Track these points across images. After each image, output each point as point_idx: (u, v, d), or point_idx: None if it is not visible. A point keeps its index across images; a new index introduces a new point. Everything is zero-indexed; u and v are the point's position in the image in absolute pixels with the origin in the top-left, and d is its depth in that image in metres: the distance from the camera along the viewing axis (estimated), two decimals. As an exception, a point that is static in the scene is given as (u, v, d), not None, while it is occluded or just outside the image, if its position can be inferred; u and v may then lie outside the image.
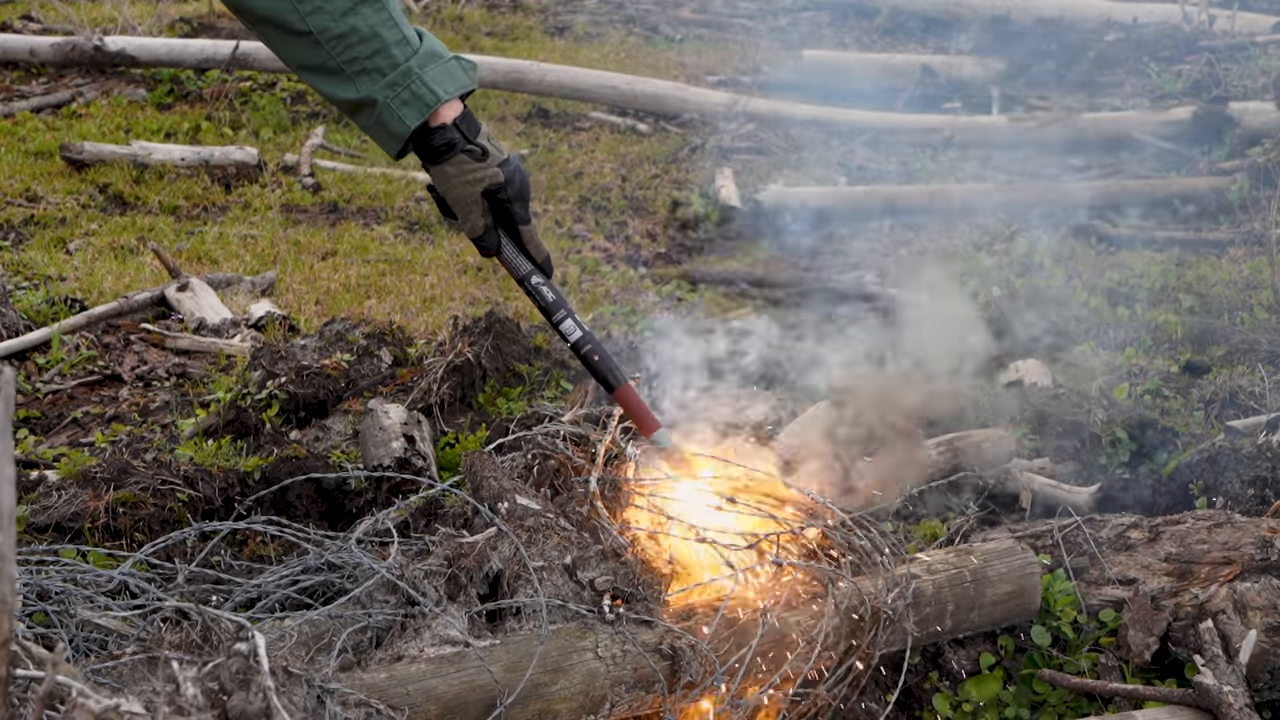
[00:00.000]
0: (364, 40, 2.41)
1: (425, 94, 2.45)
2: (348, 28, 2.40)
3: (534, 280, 2.67)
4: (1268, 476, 3.43)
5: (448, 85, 2.48)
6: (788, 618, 2.58)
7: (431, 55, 2.47)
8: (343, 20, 2.39)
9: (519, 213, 2.60)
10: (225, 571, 2.85)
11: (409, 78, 2.44)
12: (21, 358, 4.72)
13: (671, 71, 9.34)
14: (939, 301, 3.67)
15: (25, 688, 1.94)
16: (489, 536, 2.57)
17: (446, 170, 2.54)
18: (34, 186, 6.85)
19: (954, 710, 2.86)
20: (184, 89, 8.66)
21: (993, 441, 3.61)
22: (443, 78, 2.47)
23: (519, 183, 2.58)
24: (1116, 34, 8.88)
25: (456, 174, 2.54)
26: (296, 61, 2.46)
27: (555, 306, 2.68)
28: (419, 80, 2.44)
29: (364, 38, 2.40)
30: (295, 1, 2.37)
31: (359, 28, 2.40)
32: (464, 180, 2.55)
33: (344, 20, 2.39)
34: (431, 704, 2.25)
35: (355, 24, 2.39)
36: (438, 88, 2.46)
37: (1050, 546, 3.11)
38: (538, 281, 2.67)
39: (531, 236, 2.65)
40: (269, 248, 6.13)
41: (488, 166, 2.53)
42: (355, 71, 2.43)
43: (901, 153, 7.67)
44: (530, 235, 2.65)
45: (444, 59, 2.49)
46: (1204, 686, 2.58)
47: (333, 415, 4.06)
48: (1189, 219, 6.37)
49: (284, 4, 2.38)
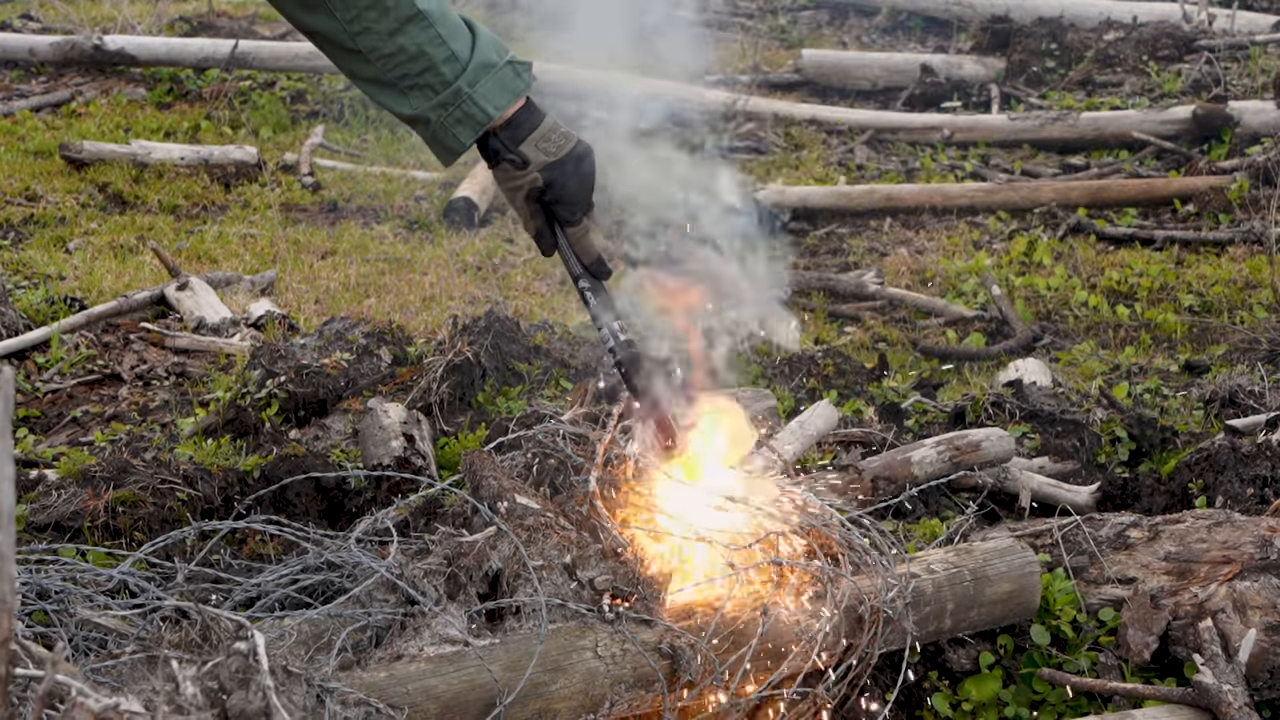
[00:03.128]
0: (412, 59, 2.42)
1: (477, 113, 2.47)
2: (395, 48, 2.42)
3: (580, 284, 2.69)
4: (1267, 475, 3.43)
5: (499, 100, 2.48)
6: (787, 617, 2.58)
7: (483, 67, 2.46)
8: (390, 40, 2.41)
9: (563, 215, 2.60)
10: (225, 570, 2.85)
11: (459, 97, 2.45)
12: (21, 357, 4.72)
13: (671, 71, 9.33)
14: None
15: (25, 687, 1.94)
16: (488, 536, 2.57)
17: (496, 176, 2.59)
18: (33, 185, 6.85)
19: (953, 709, 2.86)
20: (183, 88, 8.66)
21: (992, 441, 3.61)
22: (494, 93, 2.47)
23: (566, 186, 2.57)
24: (1116, 33, 8.88)
25: (502, 180, 2.59)
26: (353, 75, 2.50)
27: (595, 315, 2.69)
28: (469, 100, 2.46)
29: (412, 56, 2.42)
30: (345, 22, 2.40)
31: (406, 47, 2.41)
32: (507, 187, 2.59)
33: (391, 40, 2.41)
34: (431, 703, 2.25)
35: (403, 44, 2.41)
36: (488, 105, 2.47)
37: (1050, 545, 3.11)
38: (584, 286, 2.69)
39: (579, 239, 2.64)
40: (268, 247, 6.14)
41: (526, 174, 2.54)
42: (408, 87, 2.45)
43: (901, 151, 7.67)
44: (577, 237, 2.64)
45: (495, 69, 2.48)
46: (1203, 685, 2.58)
47: (332, 414, 4.06)
48: (1188, 218, 6.37)
49: (334, 24, 2.41)
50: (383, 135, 7.85)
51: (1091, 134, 7.51)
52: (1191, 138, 7.33)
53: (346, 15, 2.40)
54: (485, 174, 6.78)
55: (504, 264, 5.98)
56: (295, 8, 2.44)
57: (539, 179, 2.55)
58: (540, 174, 2.55)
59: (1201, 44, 8.61)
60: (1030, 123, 7.62)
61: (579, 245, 2.65)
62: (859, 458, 3.64)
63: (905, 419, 4.10)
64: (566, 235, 2.64)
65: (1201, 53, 8.46)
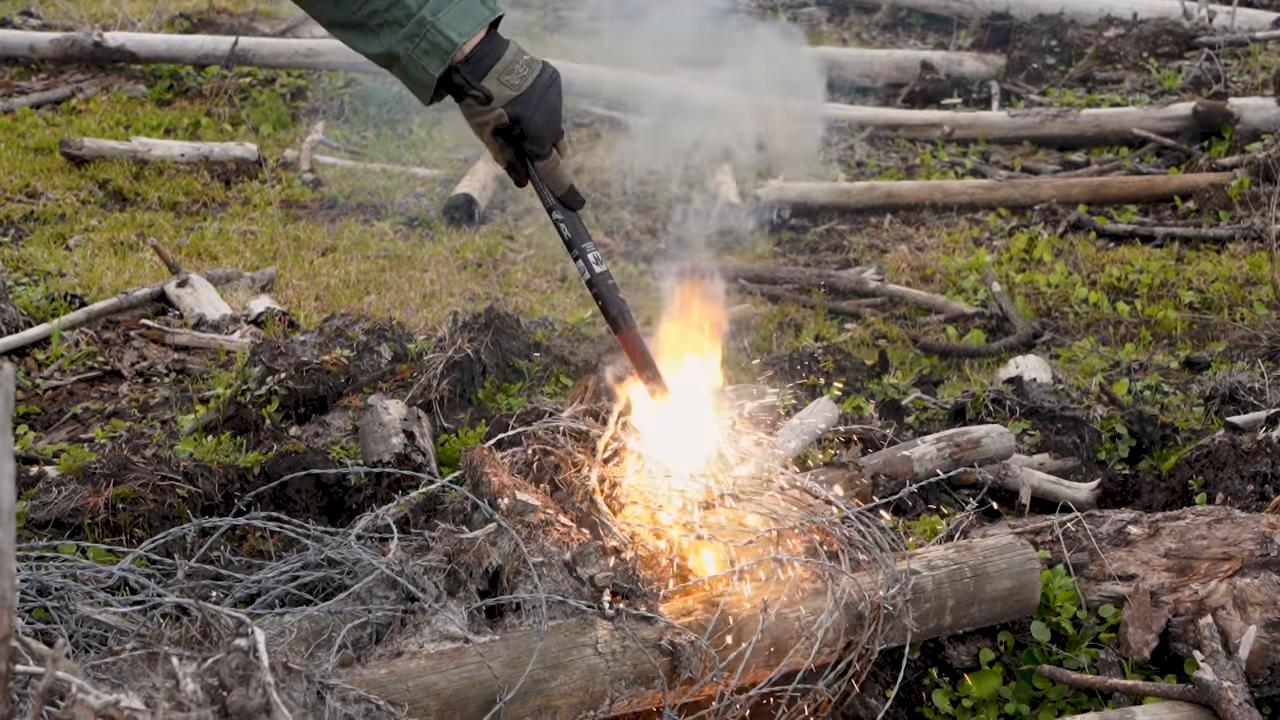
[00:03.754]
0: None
1: (442, 41, 2.46)
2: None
3: (554, 215, 2.69)
4: (1267, 472, 3.43)
5: (462, 27, 2.47)
6: (787, 613, 2.58)
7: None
8: None
9: (530, 149, 2.59)
10: (225, 567, 2.85)
11: (424, 27, 2.45)
12: (21, 353, 4.72)
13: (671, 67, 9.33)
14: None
15: (25, 683, 1.94)
16: (489, 532, 2.57)
17: (462, 111, 2.58)
18: (34, 182, 6.85)
19: (954, 706, 2.86)
20: (183, 85, 8.66)
21: (993, 437, 3.61)
22: (457, 20, 2.47)
23: (532, 120, 2.55)
24: (1116, 29, 8.88)
25: (467, 115, 2.58)
26: (326, 18, 2.50)
27: (571, 243, 2.69)
28: (433, 28, 2.45)
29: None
30: None
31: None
32: (472, 123, 2.58)
33: None
34: (431, 700, 2.25)
35: None
36: (451, 32, 2.46)
37: (1050, 542, 3.11)
38: (557, 217, 2.69)
39: (549, 171, 2.63)
40: (269, 244, 6.14)
41: (491, 109, 2.53)
42: (377, 25, 2.45)
43: (901, 148, 7.66)
44: (547, 170, 2.63)
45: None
46: (1203, 682, 2.58)
47: (332, 411, 4.06)
48: (1189, 214, 6.36)
49: None
50: (383, 132, 7.84)
51: (1092, 131, 7.51)
52: (1192, 134, 7.32)
53: None
54: (486, 171, 6.77)
55: (504, 261, 5.98)
56: None
57: (504, 115, 2.54)
58: (505, 109, 2.53)
59: (1202, 40, 8.60)
60: (1030, 119, 7.61)
61: (549, 177, 2.64)
62: (859, 454, 3.64)
63: (905, 416, 4.10)
64: (536, 169, 2.63)
65: (1202, 49, 8.46)
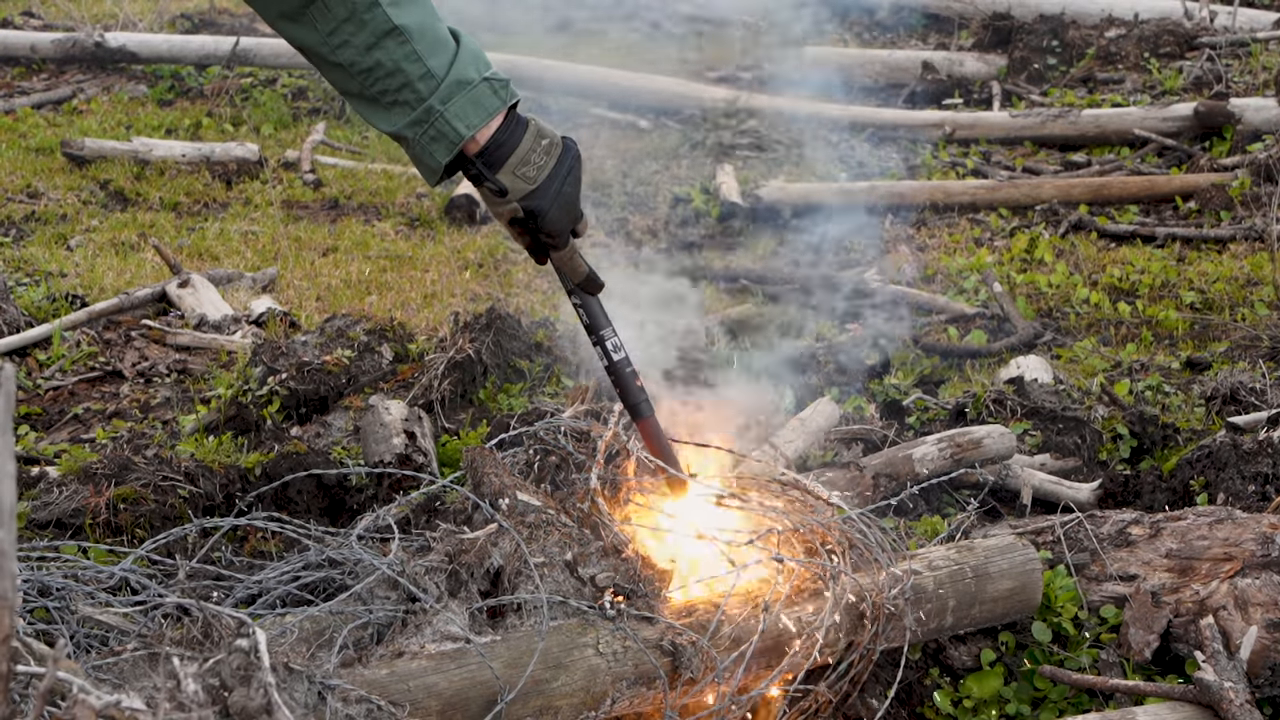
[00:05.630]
0: (389, 75, 2.39)
1: (449, 132, 2.42)
2: (373, 62, 2.39)
3: (573, 299, 2.69)
4: (1269, 473, 3.43)
5: (472, 119, 2.43)
6: (788, 614, 2.58)
7: (457, 85, 2.42)
8: (367, 55, 2.38)
9: (546, 242, 2.57)
10: (226, 568, 2.86)
11: (432, 115, 2.41)
12: (22, 354, 4.72)
13: (672, 68, 9.33)
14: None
15: (26, 684, 1.94)
16: (490, 533, 2.57)
17: (481, 195, 2.56)
18: (35, 183, 6.85)
19: (955, 706, 2.86)
20: (185, 85, 8.66)
21: (994, 438, 3.61)
22: (467, 111, 2.43)
23: (548, 215, 2.52)
24: (1118, 29, 8.87)
25: (485, 202, 2.57)
26: (342, 88, 2.48)
27: (590, 329, 2.69)
28: (441, 118, 2.41)
29: (389, 72, 2.39)
30: (325, 35, 2.38)
31: (383, 63, 2.38)
32: (491, 210, 2.58)
33: (369, 55, 2.38)
34: (433, 700, 2.25)
35: (379, 59, 2.38)
36: (459, 124, 2.43)
37: (1051, 543, 3.11)
38: (575, 301, 2.68)
39: (565, 260, 2.61)
40: (270, 244, 6.14)
41: (507, 203, 2.51)
42: (389, 103, 2.42)
43: (903, 148, 7.66)
44: (563, 259, 2.61)
45: (470, 86, 2.43)
46: (1205, 683, 2.58)
47: (334, 411, 4.07)
48: (1190, 215, 6.36)
49: (316, 36, 2.39)
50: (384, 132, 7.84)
51: (1093, 131, 7.50)
52: (1193, 135, 7.32)
53: (326, 29, 2.37)
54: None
55: (505, 261, 5.98)
56: (280, 20, 2.42)
57: (518, 210, 2.51)
58: (520, 204, 2.51)
59: (1203, 41, 8.60)
60: (1032, 120, 7.61)
61: (566, 266, 2.63)
62: (860, 455, 3.64)
63: (906, 416, 4.10)
64: (552, 259, 2.62)
65: (1203, 49, 8.45)
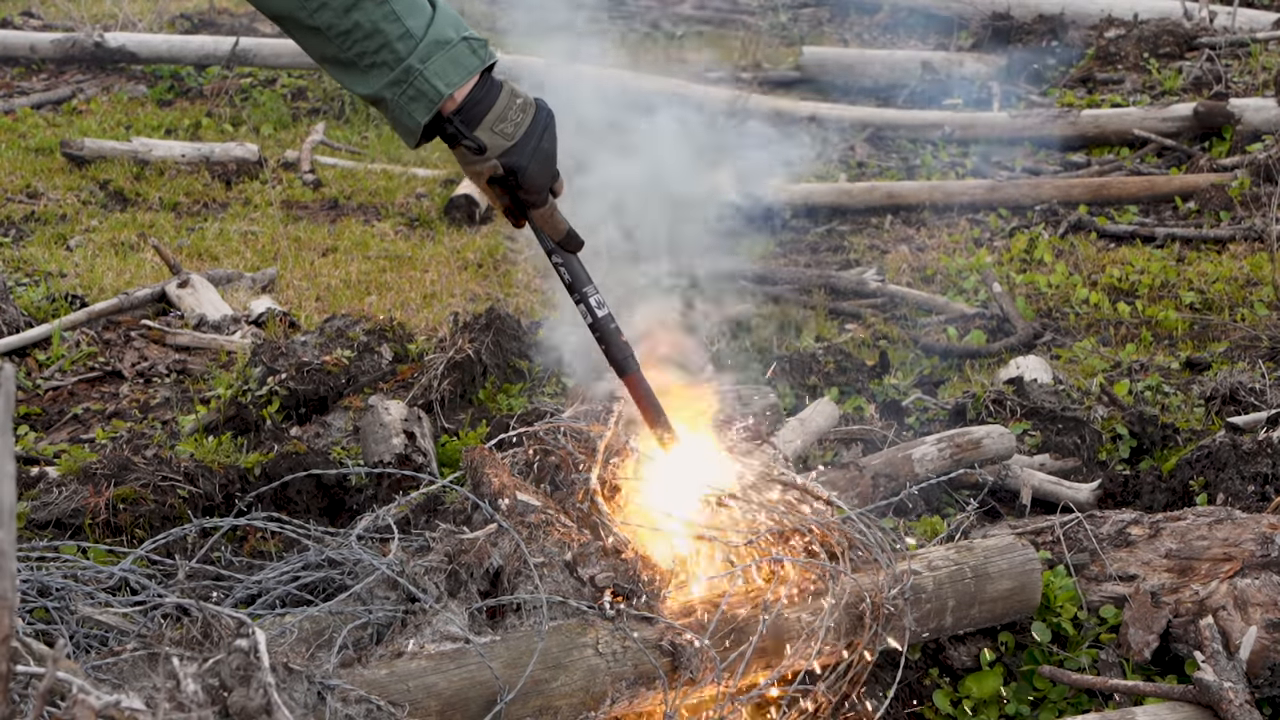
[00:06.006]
0: (368, 36, 2.39)
1: (429, 90, 2.43)
2: (351, 24, 2.39)
3: (553, 259, 2.67)
4: (1268, 473, 3.43)
5: (451, 77, 2.44)
6: (788, 614, 2.58)
7: (436, 44, 2.42)
8: (346, 17, 2.38)
9: (525, 199, 2.57)
10: (226, 568, 2.86)
11: (411, 74, 2.42)
12: (22, 354, 4.72)
13: (672, 68, 9.33)
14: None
15: (26, 684, 1.94)
16: (489, 533, 2.57)
17: (457, 157, 2.55)
18: (35, 183, 6.85)
19: (954, 706, 2.86)
20: (184, 85, 8.66)
21: (993, 438, 3.61)
22: (447, 69, 2.44)
23: (526, 171, 2.52)
24: (1117, 30, 8.88)
25: (460, 162, 2.55)
26: (318, 54, 2.47)
27: (572, 287, 2.68)
28: (421, 76, 2.42)
29: (367, 33, 2.39)
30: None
31: (361, 23, 2.38)
32: (466, 170, 2.56)
33: (347, 17, 2.38)
34: (432, 700, 2.25)
35: (358, 19, 2.38)
36: (439, 82, 2.43)
37: (1051, 543, 3.11)
38: (557, 260, 2.67)
39: (545, 218, 2.60)
40: (269, 244, 6.14)
41: (485, 160, 2.50)
42: (366, 65, 2.42)
43: (902, 149, 7.66)
44: (543, 217, 2.60)
45: (449, 45, 2.44)
46: (1204, 683, 2.58)
47: (333, 411, 4.07)
48: (1189, 215, 6.36)
49: (293, 2, 2.38)
50: (384, 132, 7.85)
51: (1092, 131, 7.50)
52: (1192, 135, 7.32)
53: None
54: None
55: (505, 261, 5.98)
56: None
57: (498, 166, 2.51)
58: (499, 160, 2.50)
59: (1202, 41, 8.60)
60: (1031, 120, 7.61)
61: (546, 224, 2.62)
62: (860, 455, 3.64)
63: (906, 416, 4.10)
64: (531, 217, 2.62)
65: (1202, 50, 8.46)
